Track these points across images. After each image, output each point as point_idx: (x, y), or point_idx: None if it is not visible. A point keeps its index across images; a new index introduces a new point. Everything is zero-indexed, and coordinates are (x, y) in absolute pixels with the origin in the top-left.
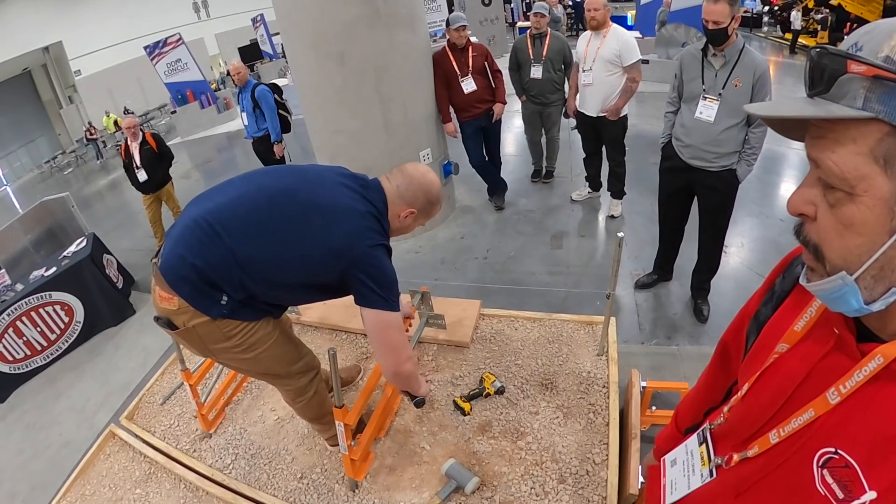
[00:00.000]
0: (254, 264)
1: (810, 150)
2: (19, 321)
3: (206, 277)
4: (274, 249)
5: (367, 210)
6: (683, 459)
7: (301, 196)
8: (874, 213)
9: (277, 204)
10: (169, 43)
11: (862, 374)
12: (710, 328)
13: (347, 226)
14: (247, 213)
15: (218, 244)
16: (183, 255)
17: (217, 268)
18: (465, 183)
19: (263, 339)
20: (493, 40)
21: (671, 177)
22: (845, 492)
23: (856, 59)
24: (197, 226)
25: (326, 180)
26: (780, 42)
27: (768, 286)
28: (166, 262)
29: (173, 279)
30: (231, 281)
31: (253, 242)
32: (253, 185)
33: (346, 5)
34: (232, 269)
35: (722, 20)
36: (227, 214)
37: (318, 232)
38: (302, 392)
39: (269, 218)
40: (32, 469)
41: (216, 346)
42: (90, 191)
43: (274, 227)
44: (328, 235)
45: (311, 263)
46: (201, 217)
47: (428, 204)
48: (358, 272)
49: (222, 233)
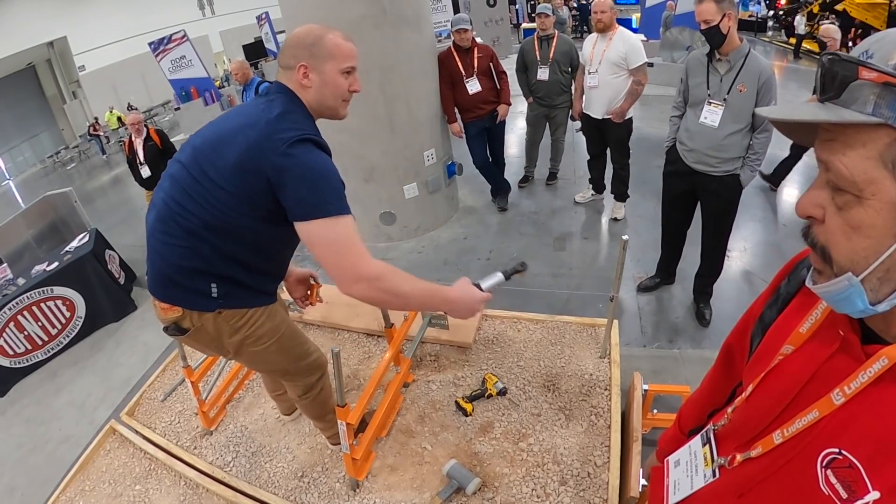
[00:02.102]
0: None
1: (820, 153)
2: (20, 315)
3: (185, 275)
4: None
5: (278, 112)
6: (687, 460)
7: (209, 142)
8: (882, 216)
9: (197, 159)
10: (173, 40)
11: (867, 376)
12: (712, 332)
13: (257, 130)
14: (180, 189)
15: (173, 237)
16: (157, 267)
17: (189, 260)
18: (469, 184)
19: (272, 331)
20: (497, 41)
21: (675, 181)
22: (849, 492)
23: (867, 66)
24: (154, 232)
25: (238, 111)
26: (785, 47)
27: (773, 289)
28: (150, 282)
29: (163, 294)
30: (205, 257)
31: (199, 209)
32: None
33: (352, 4)
34: (198, 248)
35: (711, 18)
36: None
37: (223, 160)
38: (310, 388)
39: (197, 174)
40: (32, 463)
41: (230, 341)
42: (93, 186)
43: (203, 179)
44: (230, 156)
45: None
46: (150, 216)
47: (309, 47)
48: (284, 179)
49: (172, 221)
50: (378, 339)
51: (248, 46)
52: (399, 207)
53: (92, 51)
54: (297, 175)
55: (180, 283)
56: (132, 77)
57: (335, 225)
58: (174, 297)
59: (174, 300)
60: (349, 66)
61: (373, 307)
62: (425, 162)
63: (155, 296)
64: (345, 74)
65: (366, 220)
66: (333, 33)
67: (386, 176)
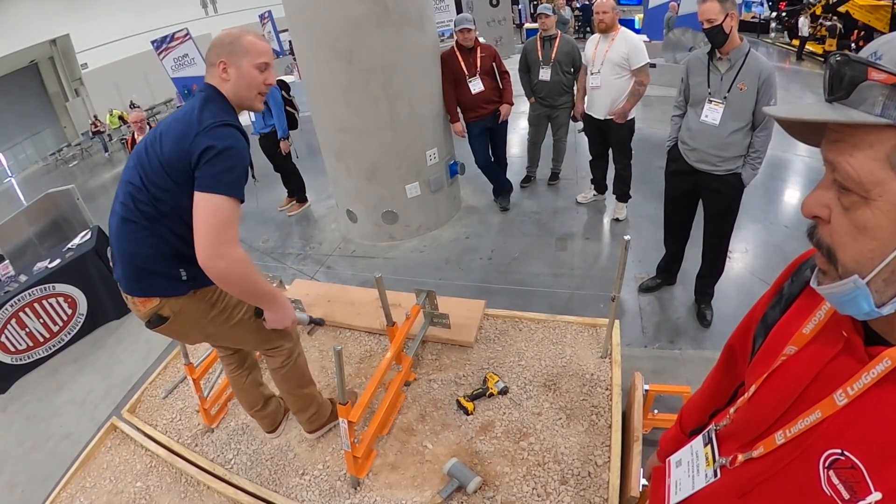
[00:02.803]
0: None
1: (827, 153)
2: (22, 312)
3: (159, 263)
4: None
5: (202, 103)
6: (688, 460)
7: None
8: (888, 217)
9: (139, 164)
10: (176, 38)
11: (870, 377)
12: (713, 333)
13: (183, 122)
14: (130, 188)
15: (140, 231)
16: (130, 264)
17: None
18: (471, 183)
19: (241, 302)
20: (500, 41)
21: (676, 180)
22: (851, 493)
23: (876, 67)
24: (121, 232)
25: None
26: (788, 48)
27: (776, 290)
28: (124, 282)
29: (142, 289)
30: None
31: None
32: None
33: (355, 3)
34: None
35: (714, 18)
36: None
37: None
38: (290, 354)
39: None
40: (32, 460)
41: (207, 320)
42: (95, 184)
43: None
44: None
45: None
46: (119, 222)
47: (227, 45)
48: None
49: (134, 217)
50: (380, 338)
51: None
52: (401, 206)
53: (95, 49)
54: (211, 153)
55: (155, 272)
56: (135, 75)
57: (226, 203)
58: (151, 289)
59: (151, 291)
60: (263, 62)
61: (375, 306)
62: (427, 161)
63: (131, 293)
64: (259, 69)
65: (368, 219)
66: (250, 34)
67: (388, 175)
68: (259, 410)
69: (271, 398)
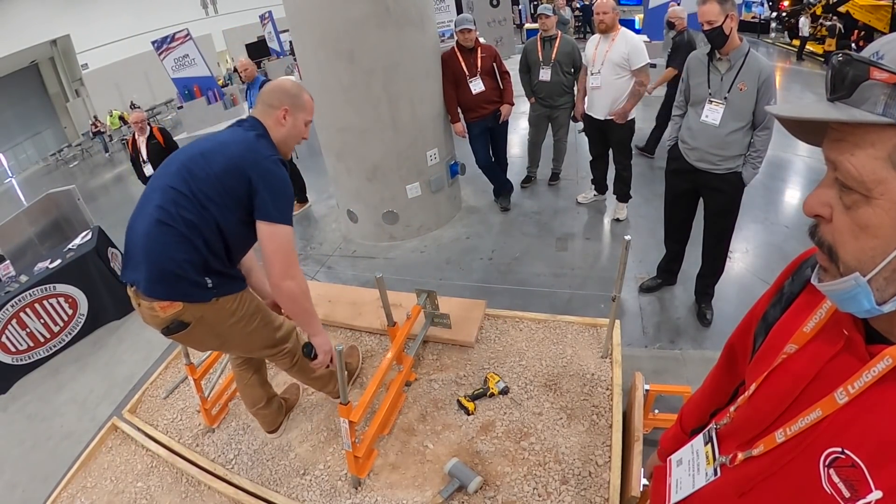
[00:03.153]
0: (204, 225)
1: (829, 152)
2: (23, 312)
3: (190, 270)
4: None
5: (256, 134)
6: (689, 459)
7: (196, 155)
8: (890, 216)
9: (185, 171)
10: (177, 38)
11: (870, 375)
12: (713, 333)
13: (237, 147)
14: (174, 193)
15: (177, 236)
16: (159, 267)
17: (188, 255)
18: (471, 184)
19: (257, 307)
20: (500, 41)
21: (677, 179)
22: (851, 491)
23: (878, 67)
24: (154, 235)
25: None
26: (788, 48)
27: (777, 288)
28: (145, 284)
29: (167, 292)
30: (202, 254)
31: (191, 210)
32: (168, 174)
33: (356, 3)
34: (197, 245)
35: (714, 19)
36: (167, 205)
37: (217, 165)
38: (293, 353)
39: (189, 183)
40: (33, 460)
41: (226, 326)
42: (96, 184)
43: (195, 188)
44: (224, 161)
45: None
46: (152, 224)
47: (293, 97)
48: (257, 182)
49: (172, 221)
50: (380, 338)
51: (251, 45)
52: (402, 207)
53: (95, 49)
54: (272, 184)
55: (183, 277)
56: (135, 75)
57: (289, 232)
58: (176, 293)
59: (176, 295)
60: (310, 120)
61: (376, 306)
62: (428, 161)
63: (154, 295)
64: (306, 125)
65: (368, 220)
66: (306, 91)
67: (389, 175)
68: (261, 408)
69: (274, 398)
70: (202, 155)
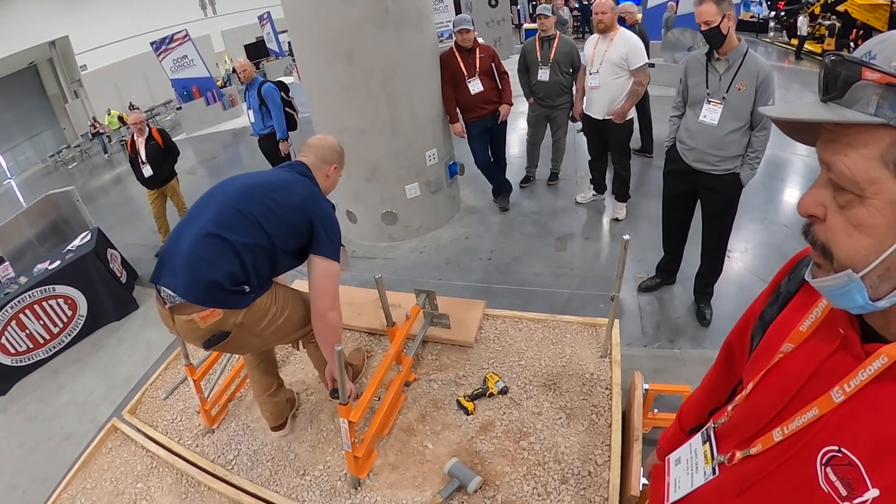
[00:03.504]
0: (257, 247)
1: (822, 152)
2: (22, 314)
3: (230, 281)
4: (264, 227)
5: (309, 179)
6: (687, 458)
7: (260, 185)
8: (883, 215)
9: (248, 196)
10: (175, 39)
11: (866, 374)
12: (712, 332)
13: (302, 190)
14: (234, 212)
15: (227, 249)
16: (200, 272)
17: (233, 267)
18: (470, 184)
19: (286, 294)
20: (499, 42)
21: (675, 180)
22: (848, 489)
23: (870, 67)
24: (203, 244)
25: (268, 172)
26: (786, 48)
27: (774, 287)
28: (185, 289)
29: (207, 298)
30: (247, 271)
31: (249, 231)
32: (225, 195)
33: (354, 4)
34: (244, 261)
35: (711, 19)
36: (223, 220)
37: (285, 201)
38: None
39: (250, 208)
40: (33, 461)
41: (262, 326)
42: (95, 185)
43: (257, 214)
44: (292, 201)
45: (292, 224)
46: (201, 236)
47: (340, 156)
48: (319, 223)
49: (226, 235)
50: (380, 338)
51: (250, 46)
52: (401, 207)
53: (94, 50)
54: (331, 227)
55: (226, 288)
56: (134, 76)
57: (337, 268)
58: (219, 301)
59: (219, 303)
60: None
61: (375, 306)
62: (427, 162)
63: (198, 302)
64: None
65: (367, 220)
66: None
67: (388, 175)
68: (270, 395)
69: (283, 386)
70: (268, 187)
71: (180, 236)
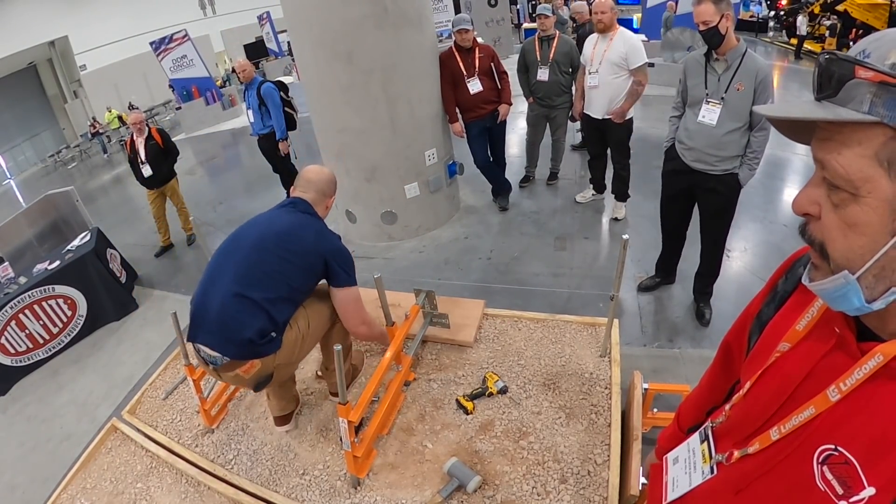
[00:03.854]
0: (279, 299)
1: (817, 151)
2: (22, 314)
3: (260, 336)
4: (283, 280)
5: (313, 217)
6: (685, 457)
7: (272, 236)
8: (877, 213)
9: (263, 250)
10: (175, 39)
11: (862, 373)
12: (711, 331)
13: (311, 231)
14: (254, 269)
15: (254, 307)
16: (238, 333)
17: (262, 323)
18: (470, 183)
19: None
20: (498, 41)
21: (674, 179)
22: (845, 488)
23: (864, 66)
24: (230, 305)
25: (275, 216)
26: (786, 47)
27: (771, 287)
28: (222, 347)
29: (244, 354)
30: (275, 321)
31: (270, 286)
32: (242, 251)
33: (354, 4)
34: (271, 315)
35: (710, 19)
36: (245, 279)
37: (298, 248)
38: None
39: (268, 263)
40: (33, 461)
41: (296, 351)
42: (94, 185)
43: (275, 267)
44: (304, 246)
45: (307, 268)
46: (229, 297)
47: (336, 185)
48: (332, 260)
49: (250, 294)
50: None
51: (250, 46)
52: (400, 207)
53: (93, 50)
54: (344, 260)
55: (256, 342)
56: (133, 76)
57: (355, 292)
58: (254, 354)
59: (255, 356)
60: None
61: (375, 306)
62: (426, 161)
63: (237, 358)
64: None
65: (367, 220)
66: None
67: (387, 175)
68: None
69: (294, 380)
70: (280, 237)
71: (206, 294)
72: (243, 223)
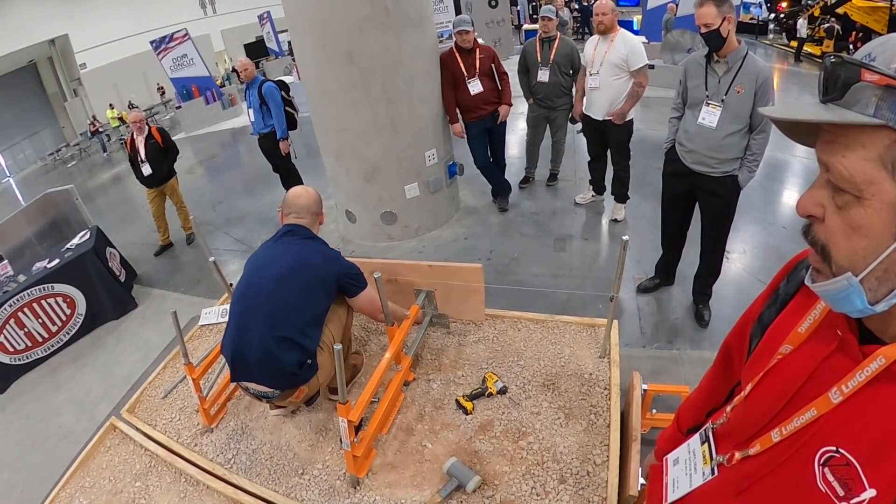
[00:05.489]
0: (308, 326)
1: (821, 153)
2: (21, 312)
3: (299, 367)
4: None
5: (313, 240)
6: (685, 458)
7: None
8: (881, 216)
9: (282, 290)
10: (175, 38)
11: (864, 375)
12: (711, 333)
13: (317, 257)
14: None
15: (289, 344)
16: (281, 370)
17: (297, 357)
18: (470, 184)
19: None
20: (499, 42)
21: (673, 181)
22: (846, 489)
23: (869, 69)
24: (268, 347)
25: (281, 252)
26: (786, 50)
27: (772, 289)
28: (270, 382)
29: (292, 384)
30: (308, 351)
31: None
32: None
33: (355, 4)
34: (303, 346)
35: (711, 22)
36: (274, 321)
37: (311, 278)
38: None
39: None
40: (31, 460)
41: (330, 360)
42: (94, 184)
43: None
44: (315, 274)
45: (324, 291)
46: (266, 340)
47: (320, 205)
48: (343, 277)
49: (284, 333)
50: (380, 338)
51: (250, 45)
52: (400, 207)
53: (93, 49)
54: (351, 275)
55: (298, 374)
56: (133, 75)
57: (369, 292)
58: (299, 382)
59: (297, 385)
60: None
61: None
62: (427, 162)
63: (283, 389)
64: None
65: (367, 220)
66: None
67: (387, 176)
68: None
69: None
70: (292, 273)
71: (241, 340)
72: (251, 262)
